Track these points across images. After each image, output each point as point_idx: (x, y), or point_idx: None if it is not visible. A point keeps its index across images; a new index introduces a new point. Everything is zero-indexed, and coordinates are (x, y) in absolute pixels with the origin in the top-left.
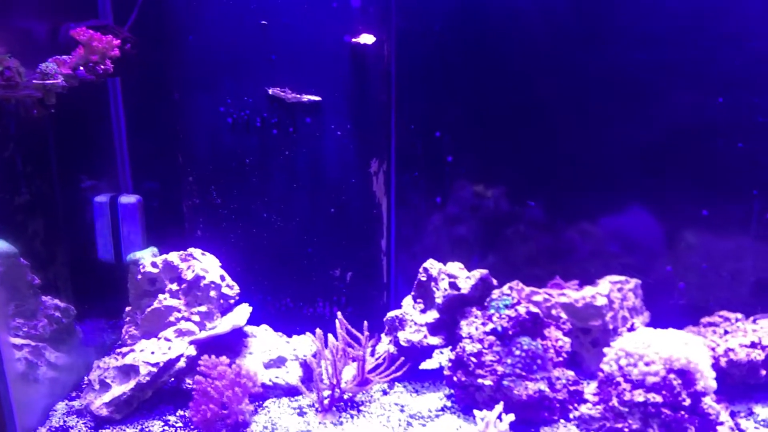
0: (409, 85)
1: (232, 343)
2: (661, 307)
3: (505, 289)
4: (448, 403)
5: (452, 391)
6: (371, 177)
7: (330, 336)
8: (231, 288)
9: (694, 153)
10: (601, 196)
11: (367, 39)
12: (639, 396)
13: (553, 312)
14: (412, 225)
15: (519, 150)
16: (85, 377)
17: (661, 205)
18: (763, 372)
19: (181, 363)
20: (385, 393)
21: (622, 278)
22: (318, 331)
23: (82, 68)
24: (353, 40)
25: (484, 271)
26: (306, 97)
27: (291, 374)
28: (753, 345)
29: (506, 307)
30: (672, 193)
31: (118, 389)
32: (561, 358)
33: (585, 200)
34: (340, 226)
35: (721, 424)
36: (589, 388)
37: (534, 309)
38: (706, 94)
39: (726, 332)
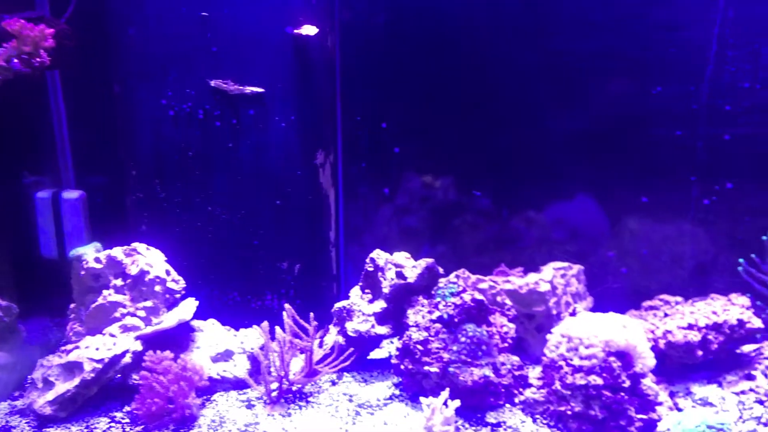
0: (355, 77)
1: (179, 338)
2: (605, 292)
3: (452, 277)
4: (397, 392)
5: (400, 379)
6: (317, 169)
7: (278, 328)
8: (177, 282)
9: (634, 141)
10: (545, 184)
11: (309, 30)
12: (580, 379)
13: (499, 299)
14: (361, 216)
15: (465, 140)
16: (29, 376)
17: (603, 192)
18: (700, 353)
19: (127, 359)
20: (333, 383)
21: (566, 264)
22: (264, 323)
23: (16, 60)
24: (295, 31)
25: (430, 260)
26: (249, 89)
27: (239, 367)
28: (690, 327)
29: (452, 294)
30: (613, 181)
31: (62, 387)
32: (506, 344)
33: (530, 189)
34: (286, 219)
35: (660, 404)
36: (534, 373)
37: (479, 296)
38: (645, 83)
39: (666, 315)
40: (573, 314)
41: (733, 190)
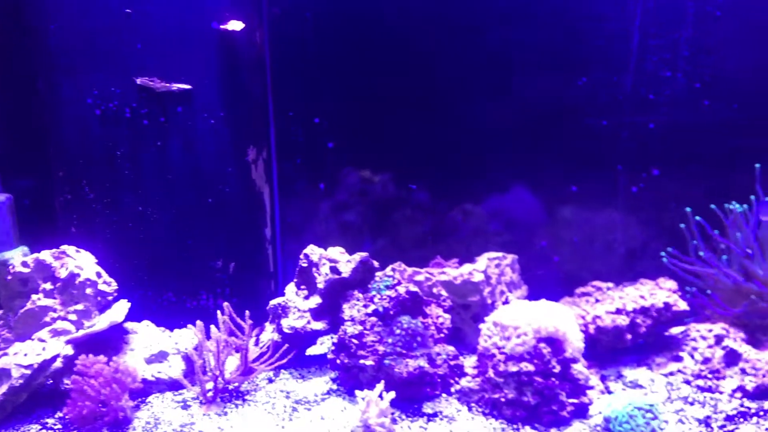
0: (286, 72)
1: (112, 340)
2: (539, 280)
3: (388, 270)
4: (334, 386)
5: (337, 374)
6: (249, 165)
7: (213, 327)
8: (108, 285)
9: (563, 131)
10: (480, 177)
11: (235, 26)
12: (512, 366)
13: (435, 290)
14: (299, 212)
15: (400, 134)
16: None
17: (535, 183)
18: (629, 336)
19: (58, 363)
20: (270, 381)
21: (500, 254)
22: (198, 322)
23: None
24: (221, 27)
25: (365, 254)
26: (176, 86)
27: (174, 368)
28: (618, 311)
29: (387, 288)
30: (545, 171)
31: None
32: (442, 335)
33: (466, 182)
34: (219, 217)
35: (591, 387)
36: (470, 362)
37: (414, 288)
38: (571, 74)
39: (597, 301)
40: (505, 303)
41: (659, 178)
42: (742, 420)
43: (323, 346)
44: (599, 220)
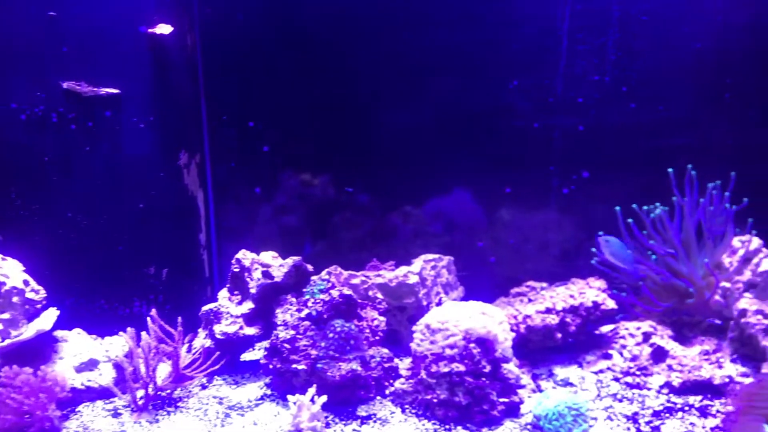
0: (219, 76)
1: (41, 349)
2: (476, 281)
3: (323, 274)
4: (268, 392)
5: (270, 379)
6: (181, 170)
7: (144, 334)
8: (36, 293)
9: (498, 133)
10: (418, 179)
11: (164, 29)
12: (444, 367)
13: (371, 293)
14: (236, 217)
15: (338, 137)
16: None
17: (471, 185)
18: (559, 335)
19: None
20: (204, 387)
21: (436, 256)
22: (129, 329)
23: None
24: (149, 30)
25: (297, 258)
26: (104, 90)
27: (104, 376)
28: (548, 311)
29: (321, 291)
30: (480, 174)
31: None
32: (377, 337)
33: (405, 184)
34: (151, 222)
35: (523, 386)
36: (405, 364)
37: (347, 292)
38: (504, 77)
39: (530, 300)
40: (438, 304)
41: (589, 179)
42: (668, 415)
43: (258, 351)
44: (533, 221)
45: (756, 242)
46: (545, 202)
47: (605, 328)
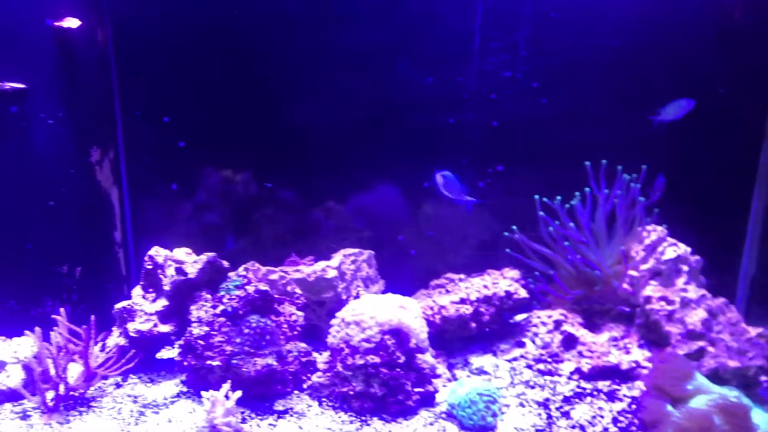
0: (133, 71)
1: None
2: (398, 274)
3: (241, 270)
4: (184, 389)
5: (186, 376)
6: (93, 166)
7: (53, 333)
8: None
9: (414, 129)
10: (339, 175)
11: (71, 23)
12: (359, 359)
13: (289, 288)
14: (154, 214)
15: (256, 133)
16: None
17: (390, 179)
18: (473, 325)
19: None
20: (118, 386)
21: (356, 251)
22: (37, 329)
23: None
24: (56, 24)
25: (212, 255)
26: (8, 85)
27: (12, 378)
28: (462, 301)
29: (236, 287)
30: (400, 168)
31: None
32: (295, 332)
33: (327, 180)
34: (62, 220)
35: (438, 376)
36: (323, 358)
37: (264, 287)
38: (420, 73)
39: (447, 292)
40: (356, 298)
41: (504, 173)
42: (577, 400)
43: (175, 349)
44: (452, 215)
45: (660, 231)
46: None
47: (519, 317)
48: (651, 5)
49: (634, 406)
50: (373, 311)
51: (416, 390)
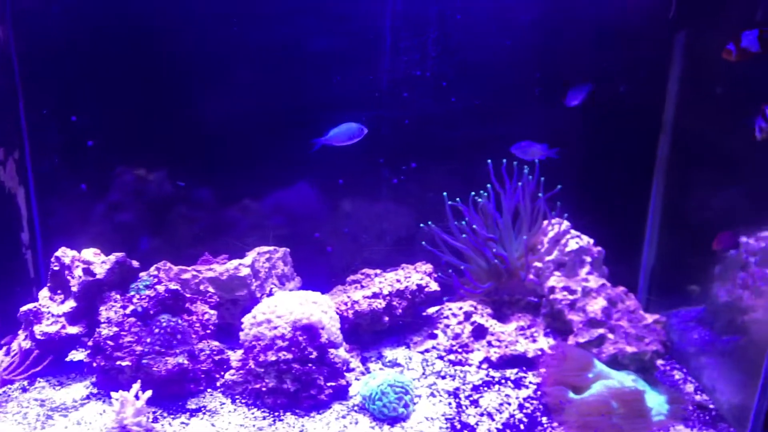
0: (37, 69)
1: None
2: (315, 271)
3: (152, 270)
4: (94, 390)
5: (96, 377)
6: None
7: None
8: None
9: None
10: (255, 173)
11: None
12: (272, 356)
13: (202, 287)
14: (65, 215)
15: (166, 132)
16: None
17: (306, 177)
18: (386, 318)
19: None
20: (24, 390)
21: (271, 248)
22: None
23: None
24: None
25: (121, 255)
26: None
27: None
28: (375, 295)
29: (146, 287)
30: (314, 167)
31: None
32: (208, 331)
33: (241, 178)
34: None
35: (351, 370)
36: (236, 355)
37: (174, 286)
38: (334, 72)
39: (362, 287)
40: (269, 295)
41: (416, 170)
42: (486, 389)
43: (84, 351)
44: (368, 211)
45: (564, 224)
46: (377, 192)
47: (431, 310)
48: (551, 5)
49: (539, 393)
50: (284, 308)
51: (329, 384)
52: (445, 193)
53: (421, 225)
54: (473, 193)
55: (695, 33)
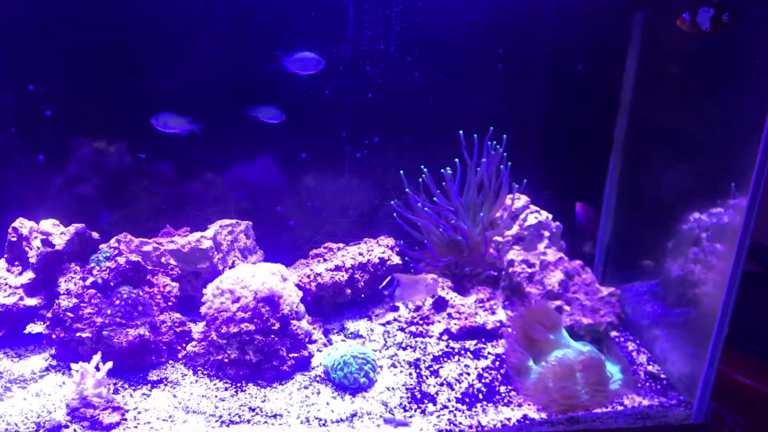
0: None
1: None
2: (277, 245)
3: (112, 242)
4: (54, 362)
5: (55, 349)
6: None
7: None
8: None
9: (292, 101)
10: (218, 146)
11: None
12: (234, 327)
13: (163, 260)
14: (20, 187)
15: (126, 102)
16: None
17: (269, 151)
18: (348, 291)
19: None
20: None
21: (233, 221)
22: None
23: None
24: None
25: (80, 226)
26: None
27: None
28: (337, 268)
29: (107, 259)
30: (277, 141)
31: None
32: (170, 303)
33: (203, 151)
34: None
35: (314, 342)
36: (198, 328)
37: (135, 258)
38: (296, 45)
39: (325, 260)
40: (231, 267)
41: (378, 144)
42: (446, 359)
43: (43, 323)
44: (330, 186)
45: (524, 199)
46: (340, 167)
47: None
48: None
49: (497, 363)
50: (246, 279)
51: (291, 355)
52: (401, 172)
53: (387, 201)
54: (437, 167)
55: (653, 13)
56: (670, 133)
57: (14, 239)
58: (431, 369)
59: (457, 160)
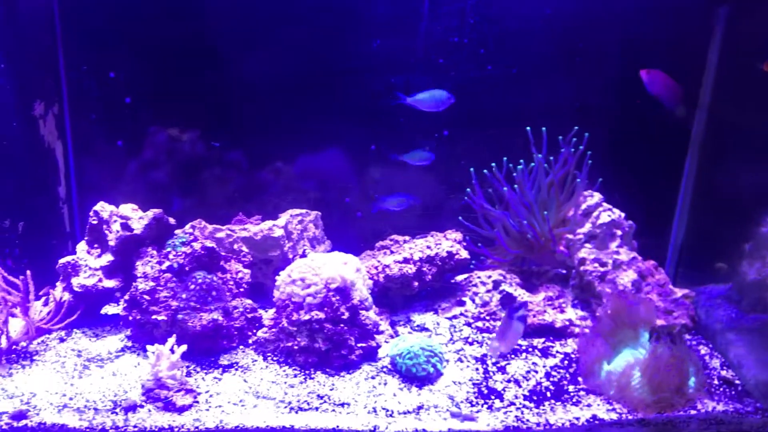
0: (77, 24)
1: None
2: (344, 236)
3: (187, 228)
4: (129, 343)
5: (131, 331)
6: (37, 120)
7: None
8: None
9: (363, 92)
10: (290, 136)
11: None
12: (304, 315)
13: (236, 246)
14: (100, 171)
15: (203, 91)
16: None
17: (339, 142)
18: (416, 284)
19: None
20: (62, 340)
21: (303, 211)
22: None
23: None
24: None
25: (158, 211)
26: None
27: None
28: (406, 261)
29: (183, 244)
30: (347, 131)
31: None
32: (242, 289)
33: (274, 141)
34: (4, 174)
35: (381, 332)
36: (268, 314)
37: (210, 244)
38: (369, 37)
39: (392, 252)
40: (302, 256)
41: (449, 137)
42: (513, 356)
43: (120, 305)
44: (399, 178)
45: (597, 197)
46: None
47: (460, 277)
48: None
49: (566, 362)
50: (318, 268)
51: (359, 345)
52: (471, 169)
53: (453, 195)
54: (508, 162)
55: (738, 8)
56: (750, 132)
57: (95, 222)
58: (498, 365)
59: (530, 154)
